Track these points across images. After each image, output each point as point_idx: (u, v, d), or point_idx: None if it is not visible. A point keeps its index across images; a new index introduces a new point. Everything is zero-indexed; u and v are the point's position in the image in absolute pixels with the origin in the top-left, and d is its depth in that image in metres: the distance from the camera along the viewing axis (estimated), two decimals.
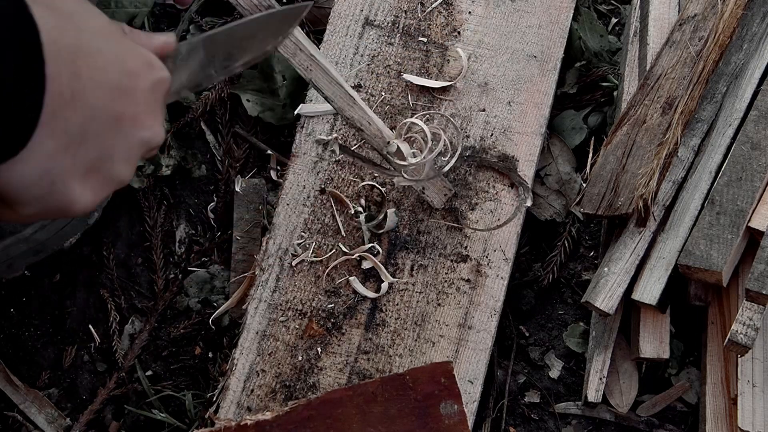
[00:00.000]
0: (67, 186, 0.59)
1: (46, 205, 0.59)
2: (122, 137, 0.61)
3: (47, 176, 0.57)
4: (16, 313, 1.15)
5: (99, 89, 0.58)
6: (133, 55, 0.63)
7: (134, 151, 0.63)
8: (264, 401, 0.99)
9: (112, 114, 0.60)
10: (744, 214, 1.00)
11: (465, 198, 1.08)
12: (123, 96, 0.60)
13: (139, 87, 0.62)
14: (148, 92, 0.64)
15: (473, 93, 1.13)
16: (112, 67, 0.59)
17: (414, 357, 1.01)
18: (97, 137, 0.59)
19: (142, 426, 1.11)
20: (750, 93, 1.08)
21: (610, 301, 1.02)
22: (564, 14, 1.18)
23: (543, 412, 1.10)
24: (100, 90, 0.58)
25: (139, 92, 0.62)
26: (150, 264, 1.19)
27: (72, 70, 0.55)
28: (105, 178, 0.62)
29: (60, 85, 0.54)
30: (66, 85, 0.55)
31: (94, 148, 0.59)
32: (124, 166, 0.63)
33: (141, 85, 0.62)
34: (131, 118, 0.62)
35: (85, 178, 0.60)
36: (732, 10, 1.12)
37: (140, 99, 0.62)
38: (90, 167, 0.60)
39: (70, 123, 0.56)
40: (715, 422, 1.02)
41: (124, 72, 0.61)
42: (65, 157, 0.57)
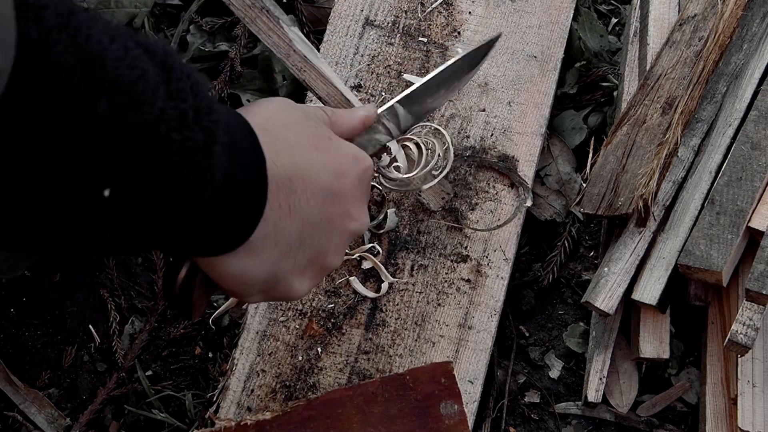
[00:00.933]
0: (289, 282, 0.68)
1: (271, 297, 0.69)
2: (334, 234, 0.69)
3: (273, 276, 0.65)
4: (16, 313, 1.15)
5: (312, 198, 0.65)
6: (341, 156, 0.69)
7: (345, 242, 0.71)
8: (264, 401, 0.99)
9: (325, 217, 0.67)
10: (744, 214, 1.00)
11: (465, 198, 1.08)
12: (334, 198, 0.67)
13: (347, 184, 0.69)
14: (355, 186, 0.70)
15: (473, 93, 1.13)
16: (323, 174, 0.66)
17: (414, 357, 1.01)
18: (312, 240, 0.67)
19: (142, 426, 1.11)
20: (750, 93, 1.08)
21: (610, 301, 1.02)
22: (564, 14, 1.18)
23: (543, 412, 1.10)
24: (314, 199, 0.65)
25: (347, 189, 0.69)
26: (150, 264, 1.19)
27: (289, 187, 0.62)
28: (320, 269, 0.70)
29: (278, 201, 0.62)
30: (284, 200, 0.62)
31: (311, 249, 0.67)
32: (336, 256, 0.71)
33: (349, 182, 0.69)
34: (341, 215, 0.69)
35: (303, 273, 0.68)
36: (732, 10, 1.12)
37: (349, 195, 0.69)
38: (308, 264, 0.68)
39: (290, 232, 0.64)
40: (715, 422, 1.02)
41: (334, 175, 0.67)
42: (288, 261, 0.65)
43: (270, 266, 0.64)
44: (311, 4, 1.31)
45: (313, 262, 0.69)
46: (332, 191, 0.67)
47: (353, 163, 0.70)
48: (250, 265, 0.63)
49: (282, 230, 0.63)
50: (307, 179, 0.64)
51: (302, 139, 0.66)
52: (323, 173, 0.66)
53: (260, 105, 0.67)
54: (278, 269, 0.65)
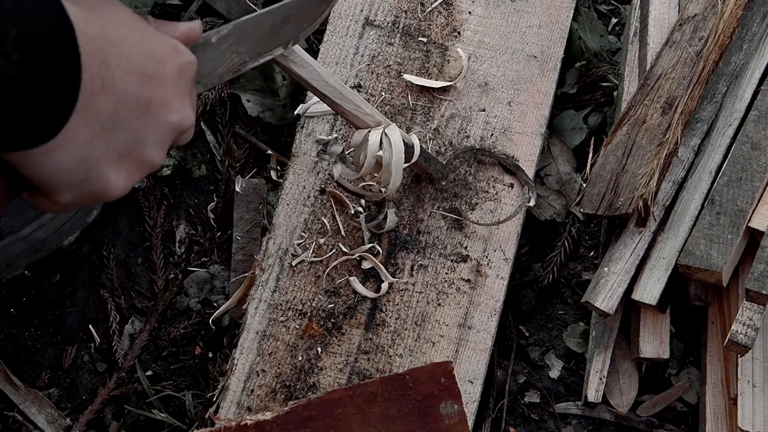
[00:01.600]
0: (102, 171, 0.60)
1: (83, 192, 0.61)
2: (152, 121, 0.63)
3: (83, 163, 0.58)
4: (16, 313, 1.15)
5: (127, 76, 0.59)
6: (158, 42, 0.64)
7: (165, 135, 0.65)
8: (264, 401, 0.99)
9: (141, 99, 0.61)
10: (744, 214, 1.00)
11: (465, 198, 1.08)
12: (150, 81, 0.62)
13: (166, 71, 0.64)
14: (175, 76, 0.65)
15: (473, 93, 1.13)
16: (138, 53, 0.61)
17: (414, 357, 1.01)
18: (128, 123, 0.60)
19: (142, 426, 1.11)
20: (750, 93, 1.08)
21: (610, 301, 1.02)
22: (564, 14, 1.18)
23: (543, 412, 1.10)
24: (129, 76, 0.59)
25: (166, 77, 0.64)
26: (150, 264, 1.19)
27: (100, 59, 0.57)
28: (138, 162, 0.63)
29: (91, 75, 0.56)
30: (96, 74, 0.56)
31: (125, 134, 0.61)
32: (156, 150, 0.65)
33: (168, 69, 0.64)
34: (160, 102, 0.63)
35: (119, 163, 0.62)
36: (732, 10, 1.12)
37: (168, 83, 0.64)
38: (123, 152, 0.61)
39: (102, 110, 0.57)
40: (715, 422, 1.02)
41: (150, 58, 0.62)
42: (99, 144, 0.59)
43: (79, 149, 0.57)
44: None
45: (130, 153, 0.62)
46: (149, 74, 0.62)
47: (173, 52, 0.65)
48: (55, 150, 0.56)
49: (93, 108, 0.57)
50: (120, 54, 0.59)
51: (116, 16, 0.61)
52: (139, 53, 0.61)
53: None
54: (89, 154, 0.58)
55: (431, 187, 1.08)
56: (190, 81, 0.68)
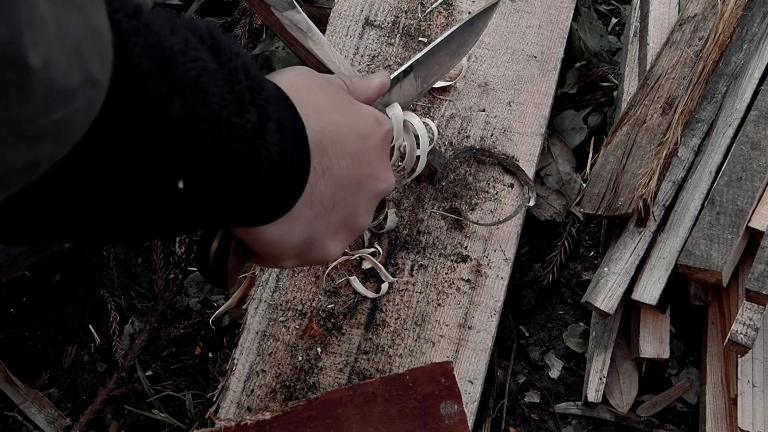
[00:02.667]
0: (324, 244, 0.69)
1: (305, 260, 0.70)
2: (364, 194, 0.71)
3: (308, 239, 0.67)
4: (16, 313, 1.15)
5: (342, 160, 0.66)
6: (364, 119, 0.71)
7: (373, 202, 0.73)
8: (264, 401, 0.99)
9: (354, 178, 0.69)
10: (744, 214, 1.00)
11: (465, 198, 1.08)
12: (360, 159, 0.69)
13: (371, 146, 0.71)
14: (379, 148, 0.72)
15: (473, 93, 1.13)
16: (350, 136, 0.68)
17: (414, 357, 1.01)
18: (344, 201, 0.68)
19: (142, 426, 1.11)
20: (750, 93, 1.08)
21: (610, 301, 1.02)
22: (564, 14, 1.18)
23: (543, 412, 1.10)
24: (343, 160, 0.66)
25: (372, 151, 0.71)
26: (150, 264, 1.19)
27: (321, 150, 0.63)
28: (351, 230, 0.72)
29: (314, 164, 0.63)
30: (318, 163, 0.63)
31: (342, 210, 0.69)
32: (365, 217, 0.73)
33: (373, 143, 0.71)
34: (369, 176, 0.70)
35: (337, 234, 0.70)
36: (732, 10, 1.12)
37: (373, 156, 0.71)
38: (340, 225, 0.70)
39: (324, 194, 0.65)
40: (715, 422, 1.02)
41: (359, 137, 0.69)
42: (322, 222, 0.67)
43: (306, 229, 0.65)
44: (311, 4, 1.31)
45: (345, 224, 0.70)
46: (359, 153, 0.68)
47: (375, 125, 0.72)
48: (287, 230, 0.64)
49: (317, 193, 0.64)
50: (336, 141, 0.65)
51: (327, 103, 0.67)
52: (350, 136, 0.67)
53: (282, 73, 0.68)
54: (313, 232, 0.66)
55: (431, 187, 1.08)
56: (389, 146, 0.75)
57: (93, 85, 0.41)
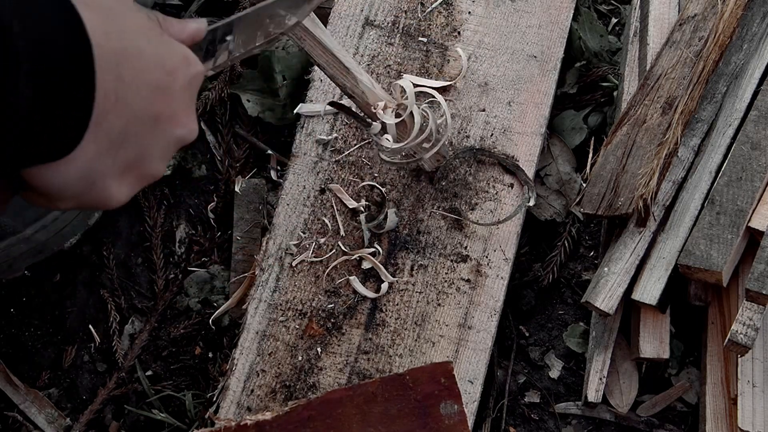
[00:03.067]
0: (106, 185, 0.60)
1: (83, 201, 0.60)
2: (160, 136, 0.62)
3: (88, 177, 0.57)
4: (16, 313, 1.15)
5: (141, 91, 0.58)
6: (172, 53, 0.63)
7: (170, 149, 0.64)
8: (264, 401, 0.99)
9: (151, 114, 0.60)
10: (744, 214, 1.00)
11: (465, 198, 1.08)
12: (162, 95, 0.61)
13: (176, 84, 0.63)
14: (184, 89, 0.64)
15: (473, 93, 1.13)
16: (153, 67, 0.60)
17: (414, 357, 1.01)
18: (136, 138, 0.60)
19: (142, 426, 1.11)
20: (750, 93, 1.08)
21: (610, 301, 1.02)
22: (564, 14, 1.18)
23: (543, 412, 1.10)
24: (142, 92, 0.58)
25: (176, 90, 0.63)
26: (150, 264, 1.19)
27: (116, 74, 0.56)
28: (141, 175, 0.63)
29: (105, 90, 0.55)
30: (111, 89, 0.55)
31: (133, 149, 0.60)
32: (159, 163, 0.64)
33: (178, 82, 0.63)
34: (168, 116, 0.62)
35: (122, 175, 0.61)
36: (732, 10, 1.12)
37: (177, 97, 0.63)
38: (128, 166, 0.61)
39: (113, 126, 0.56)
40: (715, 422, 1.02)
41: (164, 71, 0.61)
42: (106, 159, 0.58)
43: (86, 165, 0.56)
44: None
45: (134, 166, 0.61)
46: (161, 87, 0.60)
47: (184, 62, 0.64)
48: (60, 162, 0.55)
49: (104, 123, 0.56)
50: (136, 69, 0.57)
51: (134, 26, 0.59)
52: (154, 67, 0.60)
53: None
54: (95, 169, 0.58)
55: (431, 187, 1.08)
56: (196, 92, 0.67)
57: None
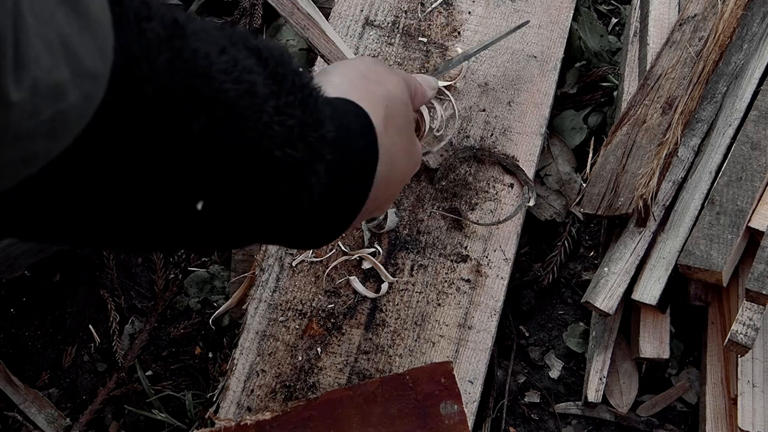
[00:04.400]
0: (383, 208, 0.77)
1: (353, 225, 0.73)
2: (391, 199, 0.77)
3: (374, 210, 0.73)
4: (16, 313, 1.15)
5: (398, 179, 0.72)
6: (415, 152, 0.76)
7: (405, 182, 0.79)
8: (264, 401, 0.99)
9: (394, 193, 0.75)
10: (744, 214, 1.00)
11: (465, 198, 1.08)
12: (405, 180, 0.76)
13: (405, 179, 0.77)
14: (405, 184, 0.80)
15: (473, 93, 1.13)
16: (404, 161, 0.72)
17: (414, 357, 1.01)
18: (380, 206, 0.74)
19: (142, 426, 1.11)
20: (750, 93, 1.08)
21: (610, 301, 1.02)
22: (564, 14, 1.18)
23: (543, 412, 1.10)
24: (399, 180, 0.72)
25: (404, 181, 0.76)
26: (150, 264, 1.19)
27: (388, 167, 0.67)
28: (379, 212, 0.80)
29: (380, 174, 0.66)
30: (383, 175, 0.67)
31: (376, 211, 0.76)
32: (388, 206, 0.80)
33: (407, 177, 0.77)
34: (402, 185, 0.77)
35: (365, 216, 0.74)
36: (732, 10, 1.12)
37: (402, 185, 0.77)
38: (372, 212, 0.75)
39: (375, 200, 0.68)
40: (715, 422, 1.02)
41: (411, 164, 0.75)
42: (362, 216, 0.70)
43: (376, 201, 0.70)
44: None
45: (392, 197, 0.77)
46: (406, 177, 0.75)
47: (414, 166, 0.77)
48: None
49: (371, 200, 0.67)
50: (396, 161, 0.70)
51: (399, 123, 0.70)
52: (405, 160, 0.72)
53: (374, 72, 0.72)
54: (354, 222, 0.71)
55: (431, 187, 1.08)
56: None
57: (89, 78, 0.40)
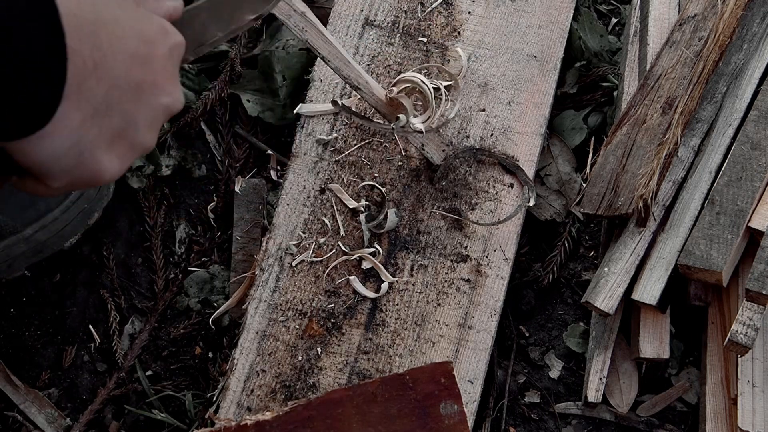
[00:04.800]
0: (95, 155, 0.60)
1: (76, 176, 0.60)
2: (144, 104, 0.63)
3: (75, 147, 0.58)
4: (16, 313, 1.15)
5: (119, 58, 0.59)
6: (149, 23, 0.64)
7: (157, 117, 0.65)
8: (264, 401, 0.99)
9: (133, 82, 0.61)
10: (744, 214, 1.00)
11: (465, 198, 1.08)
12: (142, 63, 0.62)
13: (156, 53, 0.64)
14: (165, 58, 0.65)
15: (473, 93, 1.13)
16: (131, 35, 0.60)
17: (414, 357, 1.01)
18: (120, 105, 0.60)
19: (142, 426, 1.11)
20: (750, 93, 1.08)
21: (610, 301, 1.02)
22: (564, 14, 1.18)
23: (543, 412, 1.10)
24: (121, 59, 0.59)
25: (156, 59, 0.64)
26: (150, 264, 1.19)
27: (92, 42, 0.56)
28: (131, 145, 0.63)
29: (83, 57, 0.55)
30: (88, 56, 0.56)
31: (118, 117, 0.61)
32: (148, 133, 0.65)
33: (158, 51, 0.64)
34: (151, 84, 0.63)
35: (112, 146, 0.61)
36: (732, 10, 1.12)
37: (158, 65, 0.64)
38: (115, 135, 0.61)
39: (94, 93, 0.57)
40: (715, 422, 1.02)
41: (142, 39, 0.62)
42: (92, 128, 0.58)
43: (71, 134, 0.57)
44: (311, 4, 1.31)
45: (123, 135, 0.62)
46: (140, 56, 0.61)
47: (162, 33, 0.65)
48: (46, 134, 0.55)
49: (86, 91, 0.56)
50: (113, 36, 0.58)
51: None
52: (131, 35, 0.60)
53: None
54: (82, 138, 0.58)
55: (431, 187, 1.08)
56: (178, 62, 0.68)
57: None
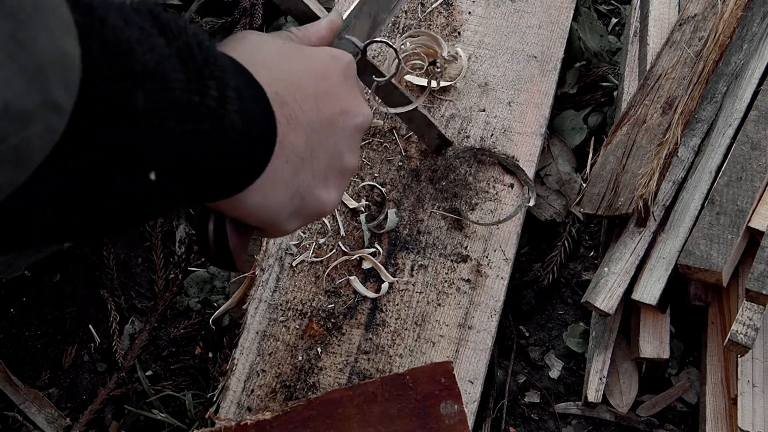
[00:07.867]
0: (315, 195, 0.67)
1: (305, 215, 0.68)
2: (340, 133, 0.68)
3: (297, 194, 0.65)
4: (16, 313, 1.15)
5: (306, 106, 0.64)
6: (314, 59, 0.69)
7: (354, 139, 0.70)
8: (264, 401, 0.99)
9: (324, 120, 0.66)
10: (744, 214, 1.00)
11: (465, 198, 1.08)
12: (325, 99, 0.67)
13: (333, 83, 0.68)
14: (342, 82, 0.69)
15: (473, 93, 1.13)
16: (306, 81, 0.66)
17: (414, 357, 1.01)
18: (321, 145, 0.66)
19: (142, 426, 1.11)
20: (750, 93, 1.08)
21: (610, 301, 1.02)
22: (564, 14, 1.18)
23: (543, 412, 1.10)
24: (307, 106, 0.64)
25: (335, 87, 0.68)
26: (150, 264, 1.19)
27: (280, 101, 0.61)
28: (340, 173, 0.70)
29: (277, 117, 0.61)
30: (280, 114, 0.61)
31: (323, 155, 0.67)
32: (352, 156, 0.70)
33: (334, 80, 0.69)
34: (340, 113, 0.68)
35: (326, 181, 0.68)
36: (732, 10, 1.12)
37: (339, 92, 0.68)
38: (326, 172, 0.68)
39: (296, 145, 0.63)
40: (715, 422, 1.02)
41: (316, 77, 0.67)
42: (305, 173, 0.65)
43: (289, 185, 0.64)
44: None
45: (331, 168, 0.68)
46: (320, 93, 0.66)
47: (332, 61, 0.70)
48: (269, 191, 0.62)
49: (288, 145, 0.62)
50: (293, 89, 0.63)
51: (274, 56, 0.65)
52: (305, 79, 0.66)
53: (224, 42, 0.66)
54: (298, 185, 0.65)
55: (431, 187, 1.08)
56: (355, 77, 0.73)
57: (54, 110, 0.40)
